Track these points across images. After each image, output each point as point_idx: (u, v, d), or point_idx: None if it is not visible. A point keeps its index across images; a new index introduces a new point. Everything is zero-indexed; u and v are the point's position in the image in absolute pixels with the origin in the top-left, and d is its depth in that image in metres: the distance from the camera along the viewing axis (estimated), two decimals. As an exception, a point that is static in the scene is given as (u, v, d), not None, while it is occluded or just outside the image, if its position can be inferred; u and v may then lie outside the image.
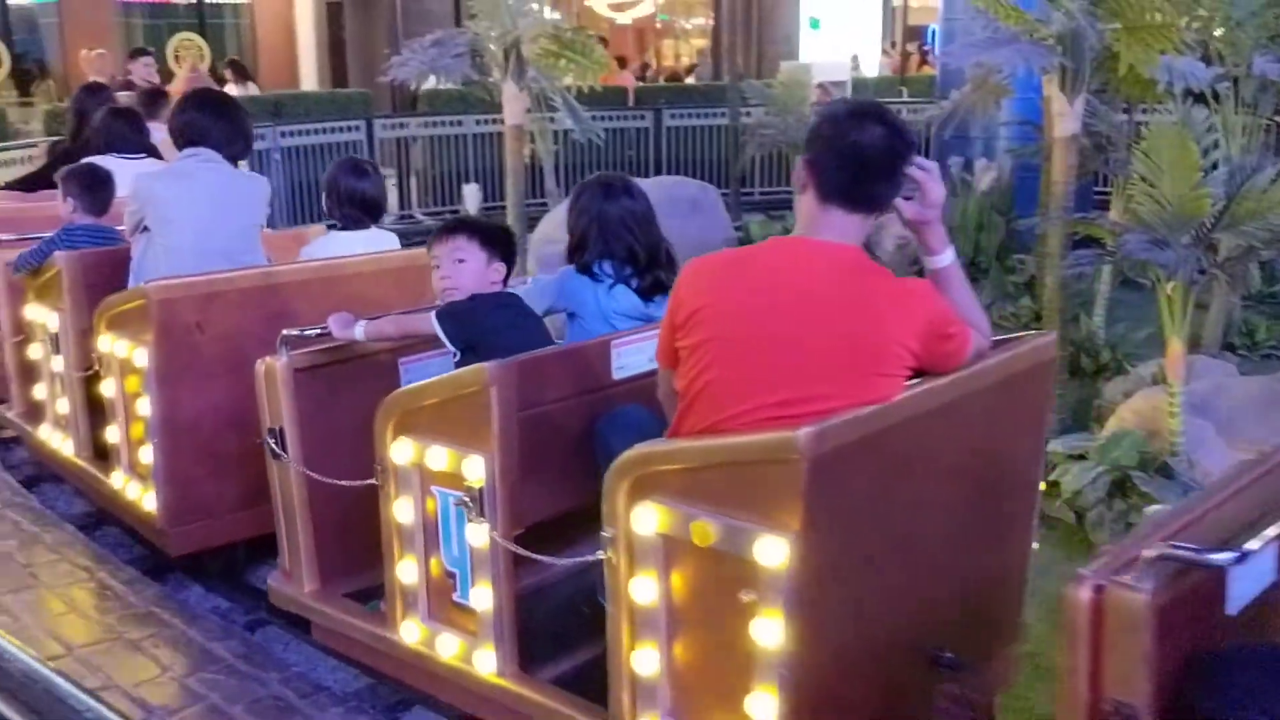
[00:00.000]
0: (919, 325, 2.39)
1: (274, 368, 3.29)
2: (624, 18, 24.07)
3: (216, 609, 3.89)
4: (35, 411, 4.86)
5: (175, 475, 3.86)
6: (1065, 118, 4.89)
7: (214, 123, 4.17)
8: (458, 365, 3.02)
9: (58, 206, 4.73)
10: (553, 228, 7.81)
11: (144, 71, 10.63)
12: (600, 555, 2.48)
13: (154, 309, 3.71)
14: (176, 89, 10.09)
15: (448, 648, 2.97)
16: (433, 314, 3.13)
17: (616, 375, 2.94)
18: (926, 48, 22.97)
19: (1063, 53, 4.76)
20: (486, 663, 2.88)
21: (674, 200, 8.02)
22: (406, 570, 3.04)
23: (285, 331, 3.31)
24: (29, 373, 4.86)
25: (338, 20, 18.94)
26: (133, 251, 4.24)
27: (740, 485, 2.27)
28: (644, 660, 2.47)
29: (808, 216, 2.45)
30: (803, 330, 2.35)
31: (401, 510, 3.01)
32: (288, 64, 17.78)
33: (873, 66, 24.30)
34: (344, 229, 4.32)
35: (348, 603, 3.35)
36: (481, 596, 2.86)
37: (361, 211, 4.28)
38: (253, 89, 10.39)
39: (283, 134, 10.51)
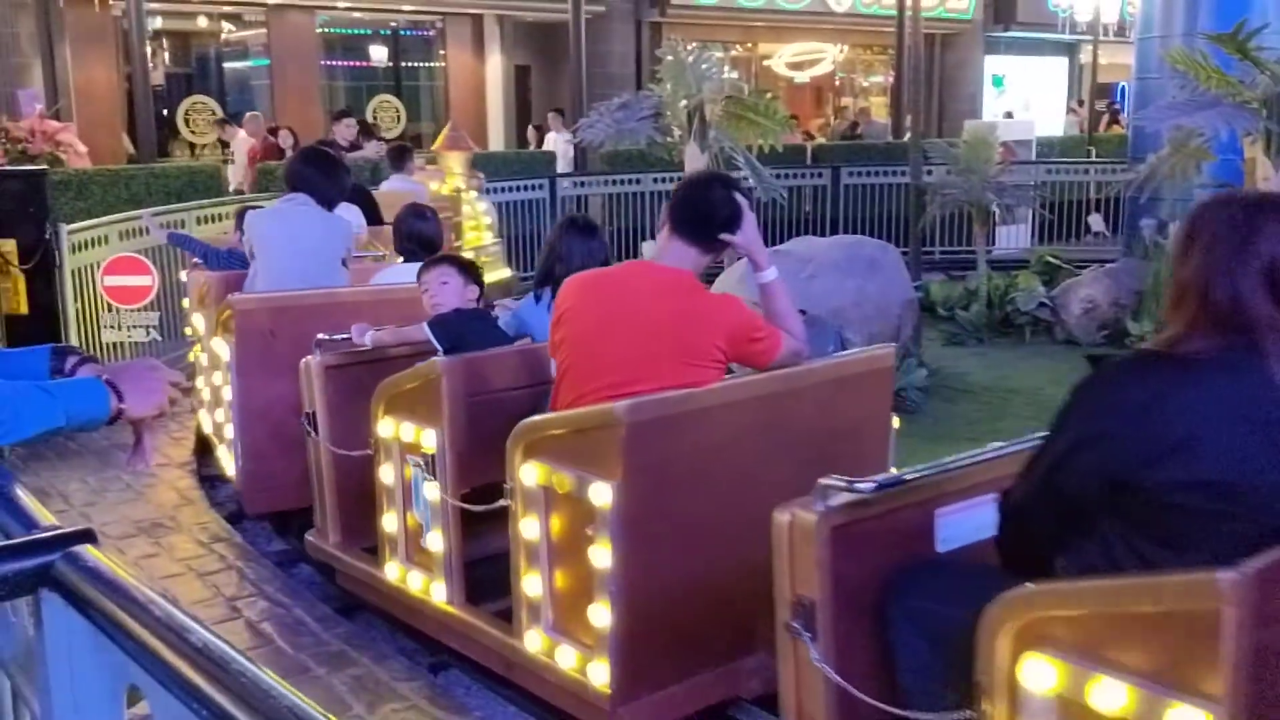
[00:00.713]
0: (727, 330, 3.14)
1: (310, 364, 4.10)
2: (802, 76, 24.18)
3: (403, 649, 4.03)
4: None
5: (250, 450, 4.78)
6: (1270, 182, 4.68)
7: (313, 174, 4.99)
8: None
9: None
10: (727, 286, 7.88)
11: (346, 132, 11.28)
12: (504, 503, 3.19)
13: (236, 318, 4.69)
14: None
15: (415, 583, 3.73)
16: (425, 323, 3.92)
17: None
18: (1116, 106, 22.27)
19: (1268, 115, 4.57)
20: (440, 594, 3.63)
21: (853, 260, 7.98)
22: (389, 521, 3.82)
23: (320, 335, 4.11)
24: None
25: (525, 83, 19.64)
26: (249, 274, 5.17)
27: (584, 446, 2.99)
28: (531, 584, 3.18)
29: (660, 246, 3.27)
30: (634, 330, 3.10)
31: (385, 474, 3.79)
32: (478, 124, 18.49)
33: (1058, 125, 23.73)
34: (405, 260, 5.11)
35: (360, 553, 4.09)
36: (436, 541, 3.59)
37: (418, 246, 5.05)
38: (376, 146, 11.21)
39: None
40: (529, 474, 3.13)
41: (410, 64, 18.69)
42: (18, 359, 2.07)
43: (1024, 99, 26.79)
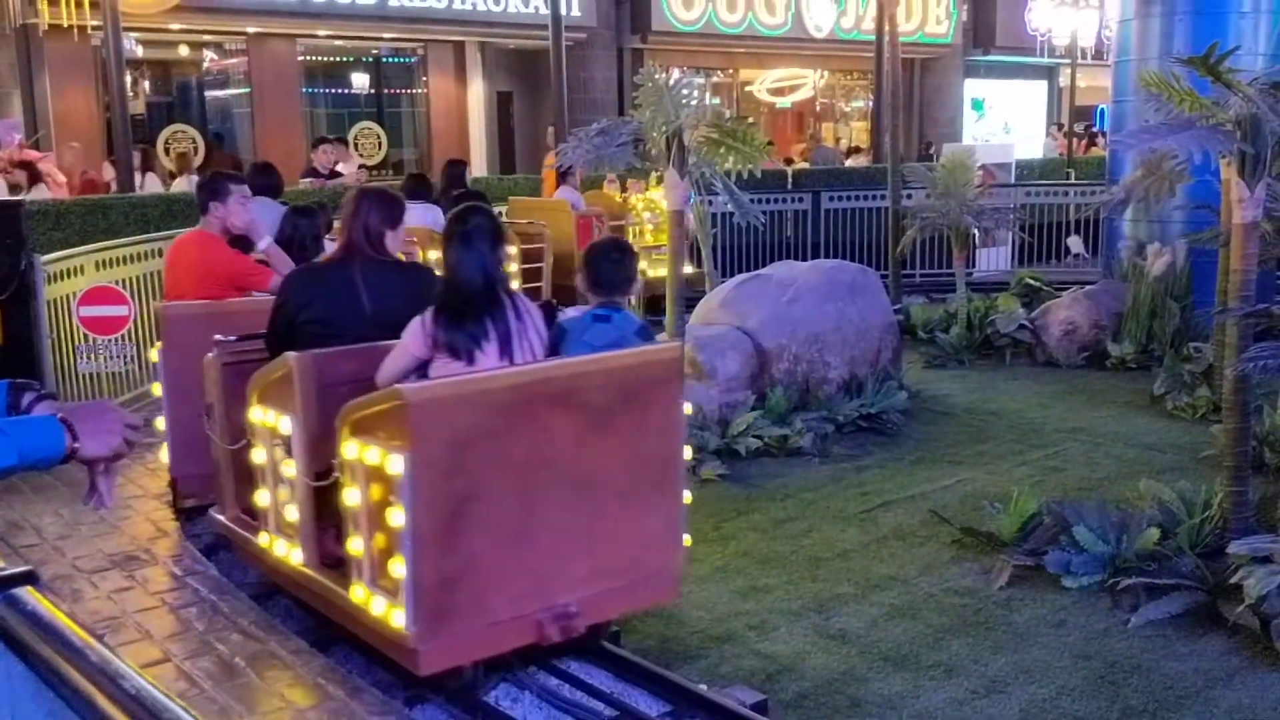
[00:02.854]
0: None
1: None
2: (784, 101, 24.29)
3: (378, 682, 3.98)
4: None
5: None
6: (1245, 204, 4.70)
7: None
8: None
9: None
10: (709, 310, 7.87)
11: (325, 158, 11.27)
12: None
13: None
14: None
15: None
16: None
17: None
18: (1095, 129, 22.44)
19: (1242, 138, 4.59)
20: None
21: (834, 284, 7.99)
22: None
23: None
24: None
25: (507, 109, 19.66)
26: None
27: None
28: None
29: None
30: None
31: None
32: (460, 150, 18.48)
33: (1038, 148, 23.88)
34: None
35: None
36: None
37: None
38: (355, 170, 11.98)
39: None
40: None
41: (392, 91, 18.69)
42: (-26, 394, 2.03)
43: (1003, 121, 27.01)
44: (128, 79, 12.59)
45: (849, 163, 17.62)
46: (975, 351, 9.62)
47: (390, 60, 18.54)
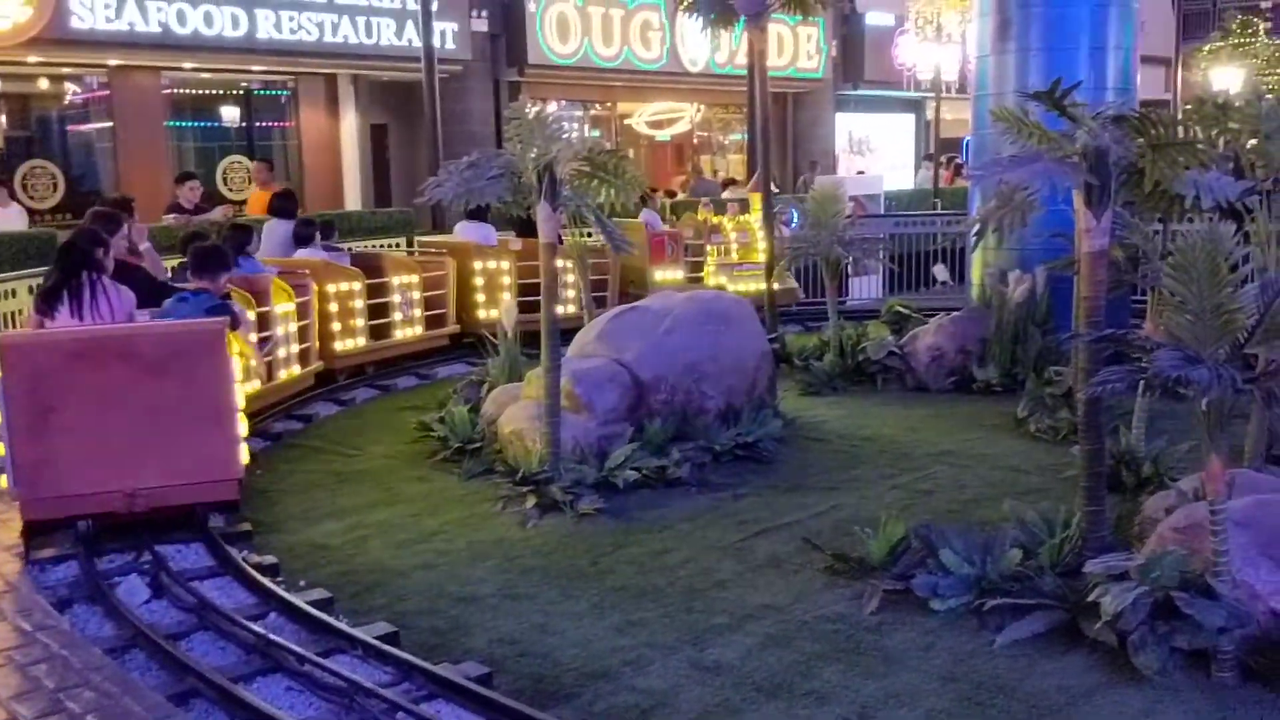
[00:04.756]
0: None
1: None
2: (663, 134, 24.55)
3: (239, 736, 3.85)
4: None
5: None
6: (1092, 233, 4.88)
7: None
8: None
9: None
10: (586, 343, 7.86)
11: (190, 194, 10.97)
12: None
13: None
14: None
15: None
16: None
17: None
18: (960, 160, 23.19)
19: (1088, 169, 4.77)
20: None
21: (710, 314, 8.06)
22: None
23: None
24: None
25: (382, 142, 19.44)
26: None
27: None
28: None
29: None
30: None
31: None
32: (333, 184, 18.21)
33: (907, 179, 24.59)
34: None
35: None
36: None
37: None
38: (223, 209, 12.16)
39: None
40: None
41: (263, 124, 18.32)
42: None
43: (874, 154, 27.77)
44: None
45: (725, 194, 17.87)
46: (848, 378, 9.80)
47: (261, 93, 18.19)
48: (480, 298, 11.34)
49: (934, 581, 4.94)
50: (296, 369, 9.03)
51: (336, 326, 9.86)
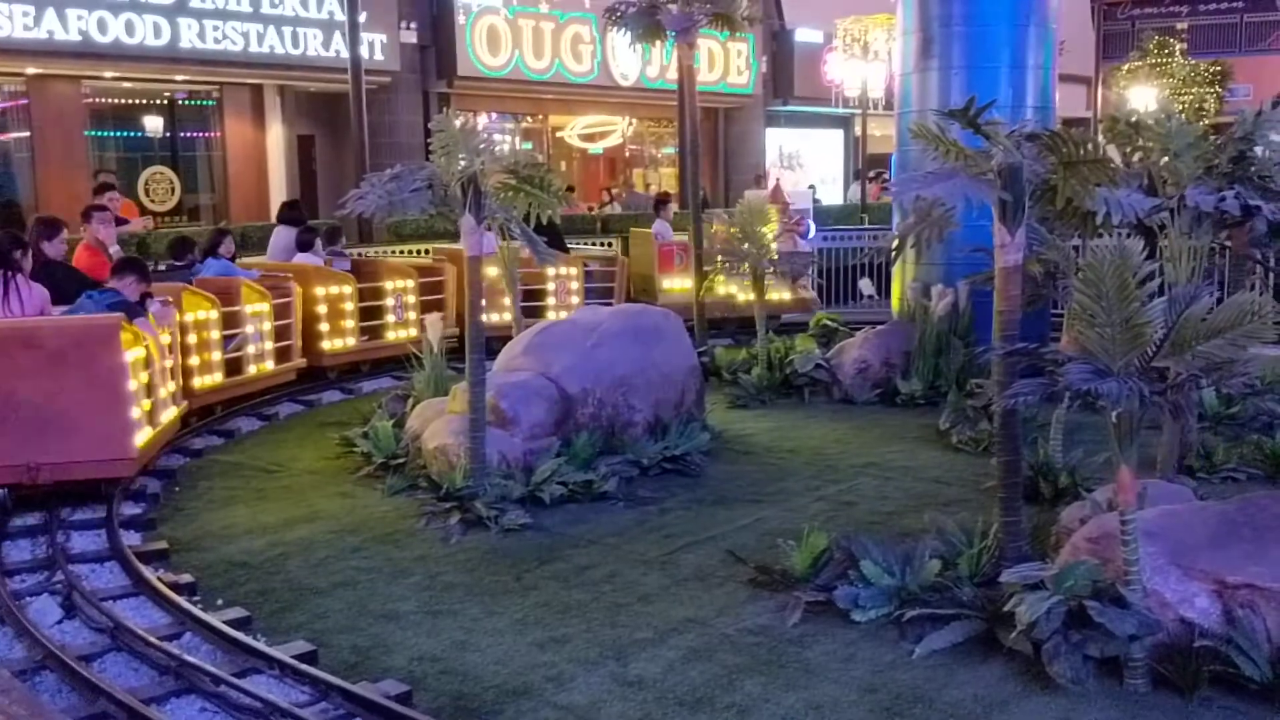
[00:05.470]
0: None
1: None
2: (596, 147, 24.59)
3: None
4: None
5: None
6: (1007, 249, 4.97)
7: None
8: None
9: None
10: (512, 356, 7.83)
11: (109, 205, 10.75)
12: None
13: None
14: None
15: None
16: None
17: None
18: (887, 176, 23.54)
19: (1002, 186, 4.86)
20: None
21: (637, 328, 8.07)
22: None
23: None
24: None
25: (309, 153, 19.23)
26: None
27: None
28: None
29: None
30: None
31: None
32: (258, 196, 17.96)
33: (836, 194, 24.89)
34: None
35: None
36: None
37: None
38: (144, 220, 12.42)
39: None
40: None
41: (187, 134, 18.04)
42: None
43: (804, 169, 28.07)
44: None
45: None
46: (776, 391, 9.87)
47: (185, 102, 17.91)
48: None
49: (855, 593, 4.98)
50: (270, 365, 9.60)
51: (325, 327, 10.55)
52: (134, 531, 6.39)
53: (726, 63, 23.80)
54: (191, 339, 8.54)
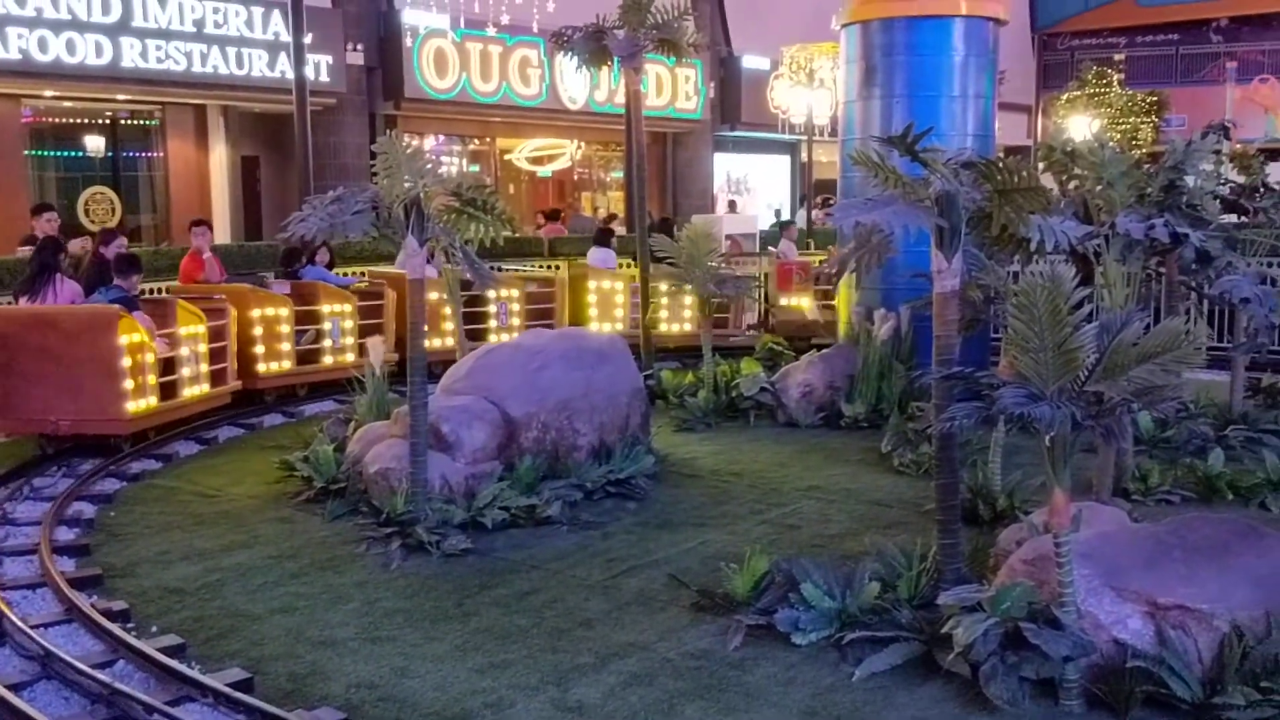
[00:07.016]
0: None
1: None
2: (544, 170, 24.61)
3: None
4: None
5: None
6: (944, 275, 5.04)
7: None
8: None
9: None
10: (455, 379, 7.79)
11: (47, 226, 10.61)
12: None
13: None
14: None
15: None
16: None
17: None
18: (832, 201, 23.83)
19: (939, 213, 4.93)
20: None
21: (582, 351, 8.06)
22: None
23: None
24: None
25: (254, 173, 19.06)
26: None
27: None
28: None
29: None
30: None
31: None
32: (202, 215, 17.75)
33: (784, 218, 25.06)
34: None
35: None
36: None
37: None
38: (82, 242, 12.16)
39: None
40: None
41: (129, 154, 17.82)
42: None
43: (752, 193, 28.30)
44: None
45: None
46: (722, 414, 9.91)
47: (127, 122, 17.69)
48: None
49: (796, 616, 5.00)
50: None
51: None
52: (67, 557, 6.26)
53: (675, 88, 23.95)
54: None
